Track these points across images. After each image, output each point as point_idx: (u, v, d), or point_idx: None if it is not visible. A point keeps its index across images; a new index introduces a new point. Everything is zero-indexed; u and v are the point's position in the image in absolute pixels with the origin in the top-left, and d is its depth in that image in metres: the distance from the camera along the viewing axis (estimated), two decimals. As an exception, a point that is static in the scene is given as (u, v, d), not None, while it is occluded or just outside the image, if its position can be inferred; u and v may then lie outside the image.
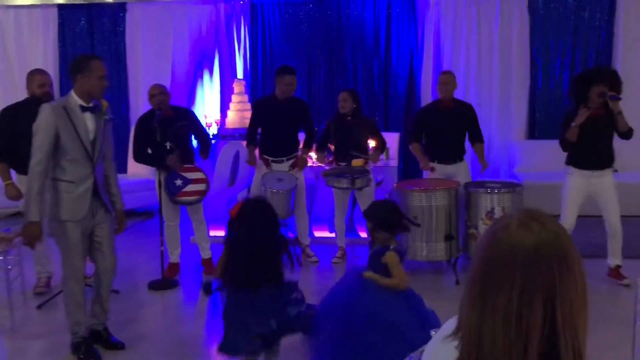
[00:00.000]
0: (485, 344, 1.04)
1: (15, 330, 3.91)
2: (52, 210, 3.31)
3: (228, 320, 2.89)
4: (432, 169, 5.07)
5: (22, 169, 4.12)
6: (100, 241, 3.43)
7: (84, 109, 3.28)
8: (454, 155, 5.07)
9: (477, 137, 5.14)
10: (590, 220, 4.73)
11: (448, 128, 5.00)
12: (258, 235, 2.78)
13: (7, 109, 4.38)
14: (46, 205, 3.30)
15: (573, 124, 4.23)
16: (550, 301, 1.01)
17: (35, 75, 4.36)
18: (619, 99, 4.16)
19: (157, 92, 4.68)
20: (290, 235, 4.73)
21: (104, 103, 3.39)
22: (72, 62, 3.37)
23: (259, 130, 5.17)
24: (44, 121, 3.19)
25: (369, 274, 2.86)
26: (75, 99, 3.28)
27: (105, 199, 3.44)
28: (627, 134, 4.27)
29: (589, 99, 4.22)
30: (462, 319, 1.11)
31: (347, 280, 2.98)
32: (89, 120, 3.30)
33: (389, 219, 2.98)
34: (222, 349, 2.89)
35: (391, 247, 2.93)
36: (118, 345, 3.53)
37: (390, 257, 2.86)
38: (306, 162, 5.26)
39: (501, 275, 1.04)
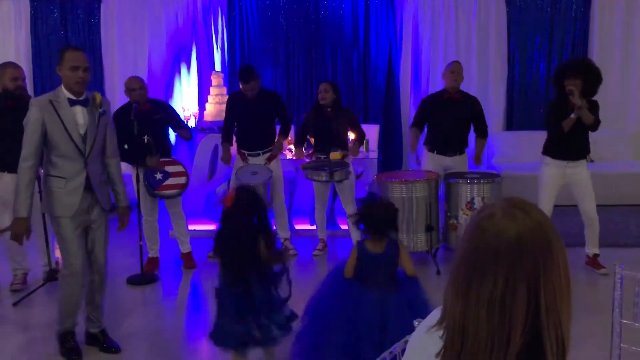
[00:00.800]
0: (469, 333, 1.03)
1: (-10, 329, 3.83)
2: (46, 206, 3.26)
3: (220, 311, 2.91)
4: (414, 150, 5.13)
5: None
6: (93, 240, 3.36)
7: (72, 102, 3.18)
8: (454, 148, 5.05)
9: (481, 132, 5.13)
10: (567, 210, 4.80)
11: (450, 119, 4.96)
12: (253, 223, 2.83)
13: None
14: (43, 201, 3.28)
15: (572, 115, 4.22)
16: (534, 290, 1.01)
17: (8, 68, 4.24)
18: (579, 108, 4.15)
19: (138, 87, 4.60)
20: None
21: (97, 96, 3.27)
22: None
23: (235, 126, 5.15)
24: (31, 116, 3.12)
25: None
26: (63, 92, 3.18)
27: (101, 197, 3.33)
28: (592, 127, 4.29)
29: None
30: (447, 309, 1.11)
31: (336, 281, 2.98)
32: (79, 114, 3.20)
33: (383, 224, 2.94)
34: (213, 338, 2.93)
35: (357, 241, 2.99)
36: (113, 349, 3.43)
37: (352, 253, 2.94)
38: (281, 146, 5.23)
39: (485, 264, 1.03)
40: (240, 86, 4.92)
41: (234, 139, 5.16)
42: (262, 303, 2.85)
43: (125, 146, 4.63)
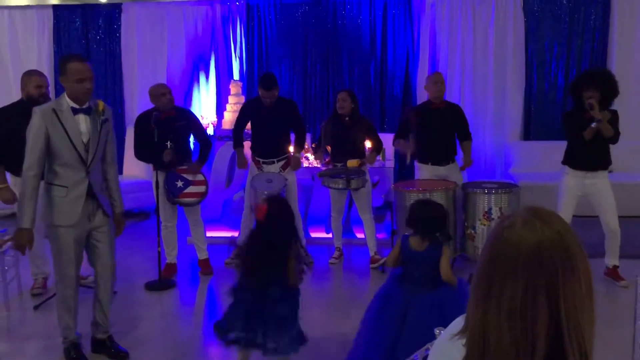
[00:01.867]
0: (491, 342, 1.04)
1: (12, 331, 3.89)
2: (46, 215, 3.24)
3: (228, 311, 2.95)
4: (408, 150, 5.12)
5: (18, 171, 4.11)
6: (98, 245, 3.35)
7: (76, 110, 3.18)
8: (447, 157, 5.08)
9: (465, 136, 5.15)
10: (586, 220, 4.75)
11: (440, 129, 5.00)
12: (285, 234, 2.89)
13: (3, 110, 4.30)
14: (42, 209, 3.26)
15: (593, 125, 4.20)
16: (555, 299, 1.02)
17: (33, 76, 4.31)
18: (599, 121, 4.14)
19: (167, 92, 4.69)
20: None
21: (100, 103, 3.27)
22: (59, 64, 3.29)
23: (245, 131, 5.18)
24: (34, 125, 3.11)
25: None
26: (67, 100, 3.18)
27: (103, 202, 3.35)
28: (612, 140, 4.27)
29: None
30: (469, 317, 1.11)
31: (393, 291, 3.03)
32: (82, 122, 3.19)
33: (426, 223, 3.02)
34: (217, 328, 2.98)
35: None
36: (121, 354, 3.43)
37: (444, 250, 3.01)
38: (299, 161, 5.19)
39: (505, 273, 1.04)
40: (260, 93, 4.94)
41: (248, 145, 5.20)
42: (274, 315, 2.86)
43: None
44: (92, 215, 3.31)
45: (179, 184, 4.68)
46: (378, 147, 5.17)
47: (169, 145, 4.57)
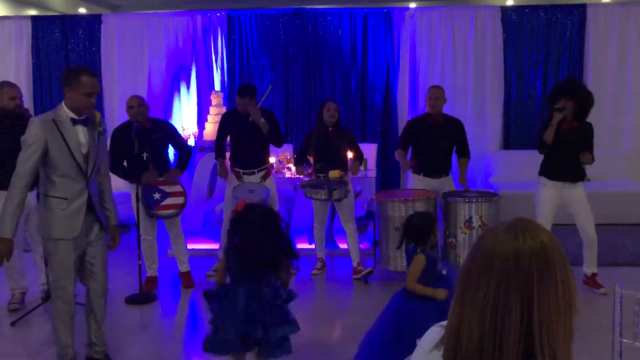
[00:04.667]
0: (463, 334, 1.07)
1: (-12, 348, 3.81)
2: (44, 228, 3.17)
3: (219, 317, 2.92)
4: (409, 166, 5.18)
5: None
6: (92, 262, 3.30)
7: (75, 121, 3.15)
8: (440, 170, 5.10)
9: (464, 153, 5.19)
10: (564, 229, 4.81)
11: (436, 142, 5.02)
12: (280, 239, 2.94)
13: None
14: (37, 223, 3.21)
15: (551, 123, 4.32)
16: (528, 304, 1.03)
17: (4, 88, 4.27)
18: (560, 110, 4.31)
19: (136, 104, 4.65)
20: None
21: (97, 115, 3.25)
22: (63, 74, 3.23)
23: (227, 142, 5.18)
24: (32, 136, 3.05)
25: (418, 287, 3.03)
26: (65, 111, 3.14)
27: (101, 215, 3.32)
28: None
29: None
30: (448, 317, 1.14)
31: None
32: (81, 134, 3.17)
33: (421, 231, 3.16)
34: (207, 348, 2.94)
35: (419, 250, 3.13)
36: None
37: (416, 259, 3.08)
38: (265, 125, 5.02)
39: (480, 274, 1.07)
40: (236, 100, 4.96)
41: (228, 157, 5.19)
42: (274, 304, 2.91)
43: (125, 163, 4.67)
44: (89, 228, 3.27)
45: (156, 196, 4.63)
46: (360, 157, 5.19)
47: (145, 157, 4.53)
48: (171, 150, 5.18)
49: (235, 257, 2.91)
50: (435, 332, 1.21)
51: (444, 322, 1.18)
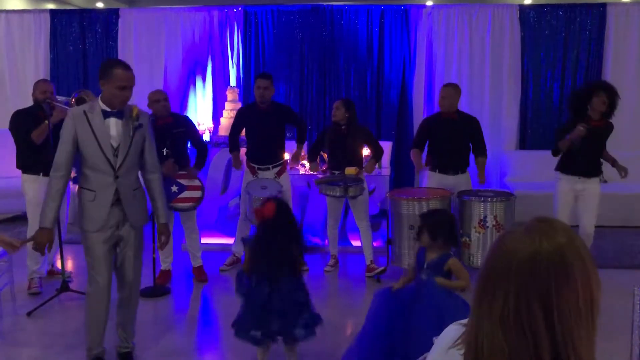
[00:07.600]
0: (484, 348, 1.03)
1: (4, 338, 3.85)
2: (79, 220, 3.20)
3: (248, 305, 3.08)
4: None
5: (28, 169, 4.49)
6: (121, 259, 3.28)
7: (107, 114, 3.12)
8: (455, 167, 5.05)
9: (480, 151, 5.14)
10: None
11: (450, 139, 4.98)
12: (288, 233, 3.09)
13: (19, 112, 4.61)
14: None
15: (568, 136, 4.32)
16: (549, 309, 1.01)
17: (39, 83, 4.65)
18: (585, 126, 4.33)
19: (162, 98, 4.71)
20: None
21: (135, 108, 3.19)
22: (100, 66, 3.21)
23: (241, 137, 5.20)
24: (65, 126, 3.11)
25: (440, 280, 3.06)
26: (100, 103, 3.13)
27: (130, 213, 3.22)
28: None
29: (589, 109, 4.40)
30: (468, 324, 1.11)
31: (386, 303, 3.14)
32: (113, 126, 3.12)
33: (449, 229, 3.20)
34: (235, 328, 3.12)
35: (452, 254, 3.19)
36: None
37: (454, 263, 3.12)
38: (299, 155, 5.39)
39: (496, 280, 1.04)
40: (256, 84, 4.96)
41: (243, 151, 5.21)
42: (290, 302, 3.03)
43: None
44: (120, 224, 3.23)
45: (174, 189, 4.65)
46: (378, 155, 5.17)
47: (165, 153, 4.56)
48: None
49: (261, 259, 3.04)
50: (454, 330, 1.20)
51: (464, 321, 1.17)
